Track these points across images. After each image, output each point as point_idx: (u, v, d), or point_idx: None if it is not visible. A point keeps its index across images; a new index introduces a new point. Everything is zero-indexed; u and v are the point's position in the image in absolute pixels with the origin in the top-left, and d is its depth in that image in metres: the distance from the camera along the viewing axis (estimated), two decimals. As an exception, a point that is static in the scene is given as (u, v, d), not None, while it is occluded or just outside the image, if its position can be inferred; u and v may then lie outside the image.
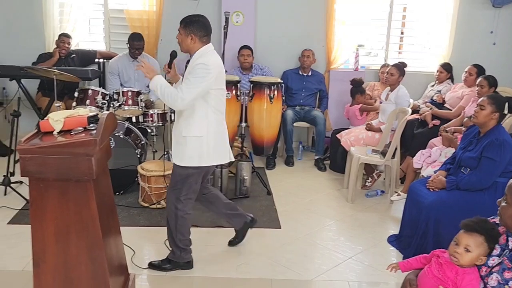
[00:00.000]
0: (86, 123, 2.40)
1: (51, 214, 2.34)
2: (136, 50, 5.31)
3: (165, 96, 2.99)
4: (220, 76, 3.09)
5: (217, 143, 3.15)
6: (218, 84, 3.08)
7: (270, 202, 4.51)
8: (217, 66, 3.05)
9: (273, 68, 5.96)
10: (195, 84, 2.94)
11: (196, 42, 3.06)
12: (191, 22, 3.07)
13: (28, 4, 5.96)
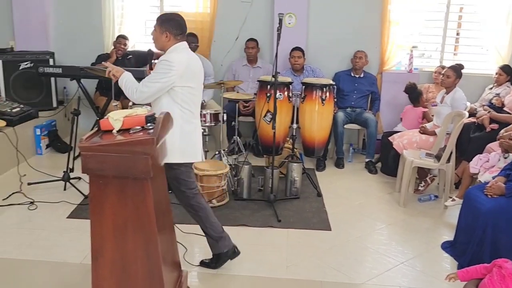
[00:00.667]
0: (144, 122, 2.47)
1: (109, 210, 2.43)
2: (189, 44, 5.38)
3: (125, 87, 3.06)
4: (188, 74, 3.06)
5: (183, 141, 3.08)
6: (185, 82, 3.05)
7: (320, 203, 4.49)
8: (183, 64, 3.02)
9: (325, 70, 5.93)
10: (155, 79, 2.96)
11: (171, 40, 3.09)
12: (167, 20, 3.10)
13: (88, 6, 6.19)
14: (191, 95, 3.10)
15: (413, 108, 5.50)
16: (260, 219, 4.12)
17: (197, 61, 3.20)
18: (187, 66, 3.05)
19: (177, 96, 3.04)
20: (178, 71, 2.98)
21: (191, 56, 3.16)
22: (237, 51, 6.15)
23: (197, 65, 3.19)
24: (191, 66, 3.10)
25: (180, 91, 3.04)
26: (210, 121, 4.85)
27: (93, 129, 2.53)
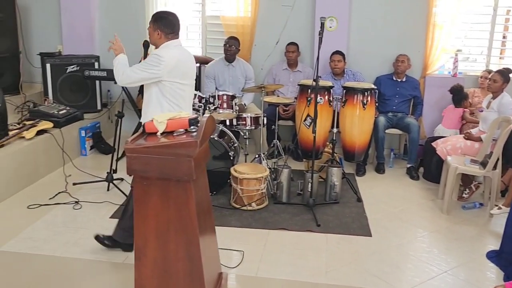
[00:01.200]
0: (188, 125, 2.51)
1: (152, 211, 2.47)
2: (229, 46, 5.46)
3: (116, 67, 3.27)
4: (177, 70, 3.20)
5: None
6: (174, 77, 3.19)
7: (360, 209, 4.44)
8: (172, 60, 3.17)
9: (366, 74, 5.86)
10: (143, 68, 3.16)
11: (162, 37, 3.25)
12: (159, 19, 3.26)
13: (132, 11, 6.33)
14: (180, 91, 3.25)
15: (455, 109, 5.43)
16: (299, 223, 4.10)
17: (189, 59, 3.35)
18: (176, 63, 3.20)
19: (165, 90, 3.21)
20: (167, 67, 3.14)
21: (183, 54, 3.31)
22: (278, 55, 6.16)
23: (188, 63, 3.33)
24: (181, 63, 3.25)
25: (168, 85, 3.20)
26: (251, 125, 4.88)
27: (137, 131, 2.58)
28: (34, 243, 3.63)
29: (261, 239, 3.83)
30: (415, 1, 5.86)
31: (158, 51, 3.20)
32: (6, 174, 4.39)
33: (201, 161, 2.55)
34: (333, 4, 5.84)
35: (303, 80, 5.03)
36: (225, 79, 5.59)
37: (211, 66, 5.64)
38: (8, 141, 4.57)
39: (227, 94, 4.83)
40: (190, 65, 3.35)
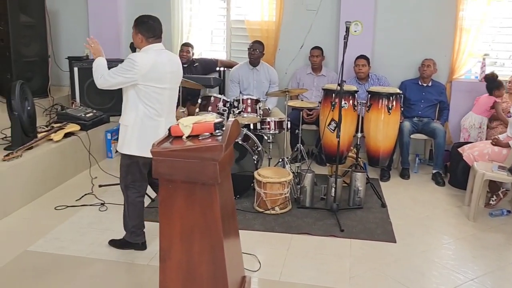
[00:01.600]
0: (213, 129, 2.53)
1: (177, 213, 2.50)
2: (253, 50, 5.48)
3: (95, 70, 3.35)
4: (152, 74, 3.24)
5: (141, 135, 3.30)
6: (149, 81, 3.24)
7: (385, 214, 4.40)
8: (146, 65, 3.21)
9: (391, 78, 5.82)
10: (118, 73, 3.23)
11: (143, 41, 3.33)
12: (140, 23, 3.36)
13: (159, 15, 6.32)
14: (156, 94, 3.29)
15: (488, 97, 5.38)
16: (322, 228, 4.09)
17: (168, 64, 3.36)
18: (151, 67, 3.24)
19: (141, 94, 3.27)
20: (141, 71, 3.19)
21: (161, 58, 3.32)
22: (302, 59, 6.16)
23: (166, 67, 3.34)
24: (157, 67, 3.27)
25: (143, 89, 3.25)
26: (274, 129, 4.89)
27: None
28: (61, 244, 3.70)
29: (284, 243, 3.83)
30: (442, 5, 5.80)
31: (133, 55, 3.28)
32: (35, 175, 4.48)
33: (226, 165, 2.57)
34: (358, 8, 5.81)
35: (327, 85, 5.02)
36: (250, 83, 5.61)
37: (236, 70, 5.67)
38: (36, 143, 4.67)
39: (252, 98, 4.85)
40: (168, 69, 3.35)
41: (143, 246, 3.64)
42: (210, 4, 6.35)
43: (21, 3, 5.71)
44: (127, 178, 3.50)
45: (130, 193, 3.52)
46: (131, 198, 3.53)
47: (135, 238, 3.62)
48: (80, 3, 6.53)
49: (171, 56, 3.47)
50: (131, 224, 3.59)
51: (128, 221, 3.59)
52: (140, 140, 3.32)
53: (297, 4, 6.07)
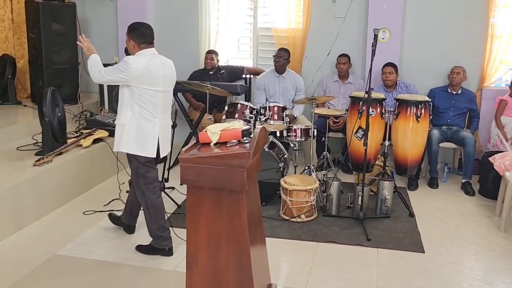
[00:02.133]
0: (240, 136, 2.53)
1: (205, 220, 2.50)
2: (279, 59, 5.49)
3: (90, 65, 3.50)
4: (144, 76, 3.38)
5: (138, 134, 3.45)
6: (141, 83, 3.39)
7: (413, 224, 4.33)
8: (139, 67, 3.37)
9: (419, 86, 5.75)
10: (113, 72, 3.38)
11: (135, 47, 3.48)
12: (132, 30, 3.50)
13: (185, 24, 6.48)
14: (149, 96, 3.43)
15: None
16: (349, 237, 4.05)
17: (160, 67, 3.50)
18: (144, 70, 3.39)
19: (134, 95, 3.41)
20: (133, 73, 3.34)
21: (153, 62, 3.46)
22: (328, 67, 6.13)
23: (159, 70, 3.48)
24: (149, 70, 3.41)
25: (136, 91, 3.40)
26: (301, 136, 4.87)
27: (188, 141, 2.63)
28: (89, 248, 3.75)
29: (310, 251, 3.81)
30: (473, 12, 5.71)
31: (128, 57, 3.44)
32: (64, 181, 4.56)
33: (253, 172, 2.57)
34: (386, 15, 5.77)
35: (354, 92, 4.99)
36: (276, 90, 5.61)
37: (262, 78, 5.68)
38: (66, 149, 4.76)
39: (278, 105, 4.85)
40: (161, 73, 3.49)
41: (169, 252, 3.67)
42: (237, 12, 6.38)
43: (54, 12, 5.85)
44: (140, 182, 3.59)
45: (148, 197, 3.60)
46: (151, 201, 3.61)
47: (162, 243, 3.65)
48: (110, 11, 6.65)
49: (164, 60, 3.61)
50: (156, 227, 3.63)
51: (152, 226, 3.64)
52: (137, 139, 3.47)
53: (324, 11, 6.06)
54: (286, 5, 6.09)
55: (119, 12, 6.50)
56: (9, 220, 3.89)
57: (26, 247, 3.74)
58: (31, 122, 5.30)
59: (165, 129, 3.62)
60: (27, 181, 4.10)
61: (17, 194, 3.97)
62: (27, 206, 4.07)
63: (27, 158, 4.53)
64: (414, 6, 5.84)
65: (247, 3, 6.35)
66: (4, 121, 5.43)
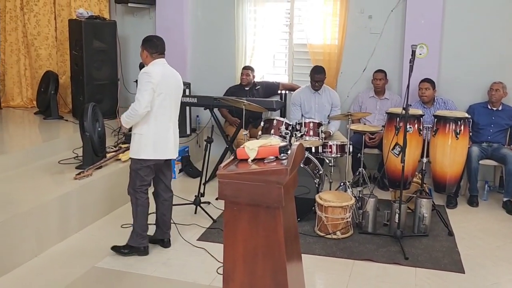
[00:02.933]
0: (278, 153, 2.54)
1: (241, 235, 2.52)
2: (316, 83, 5.51)
3: (127, 116, 3.71)
4: (162, 83, 3.66)
5: (156, 140, 3.73)
6: (159, 89, 3.64)
7: (452, 243, 4.23)
8: (158, 75, 3.64)
9: (458, 102, 5.64)
10: (143, 88, 3.59)
11: (148, 57, 3.76)
12: (145, 41, 3.80)
13: (222, 40, 6.57)
14: (165, 102, 3.71)
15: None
16: (385, 255, 3.99)
17: (171, 75, 3.81)
18: (162, 76, 3.66)
19: (154, 102, 3.64)
20: (155, 78, 3.61)
21: (166, 70, 3.77)
22: (364, 82, 6.10)
23: (170, 78, 3.78)
24: (165, 77, 3.70)
25: (156, 97, 3.65)
26: (336, 152, 4.85)
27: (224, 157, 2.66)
28: (127, 261, 3.81)
29: (346, 269, 3.76)
30: (512, 27, 5.60)
31: (145, 68, 3.70)
32: (103, 194, 4.66)
33: (290, 188, 2.58)
34: (424, 30, 5.71)
35: (392, 108, 4.94)
36: (311, 106, 5.61)
37: (297, 94, 5.70)
38: (105, 163, 4.87)
39: (314, 121, 4.85)
40: (173, 81, 3.80)
41: (145, 251, 3.92)
42: (273, 28, 6.44)
43: (95, 30, 6.04)
44: (136, 182, 3.84)
45: (139, 196, 3.86)
46: (141, 200, 3.88)
47: (141, 241, 3.89)
48: (149, 30, 6.78)
49: (173, 70, 3.88)
50: (140, 226, 3.88)
51: (137, 223, 3.89)
52: (155, 144, 3.74)
53: (360, 27, 6.04)
54: (322, 21, 6.11)
55: (157, 30, 6.64)
56: (51, 232, 3.99)
57: (67, 259, 3.83)
58: (72, 137, 5.45)
59: (176, 134, 3.92)
60: (68, 194, 4.22)
61: (58, 206, 4.08)
62: (67, 218, 4.17)
63: (68, 171, 4.65)
64: (452, 21, 5.77)
65: (283, 20, 6.40)
66: (46, 135, 5.61)
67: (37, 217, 3.86)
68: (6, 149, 5.09)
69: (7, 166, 4.60)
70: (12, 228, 3.61)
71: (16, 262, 3.63)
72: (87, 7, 6.48)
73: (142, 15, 6.85)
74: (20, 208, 3.78)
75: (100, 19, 6.22)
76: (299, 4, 6.28)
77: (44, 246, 3.91)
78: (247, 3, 6.37)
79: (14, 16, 6.68)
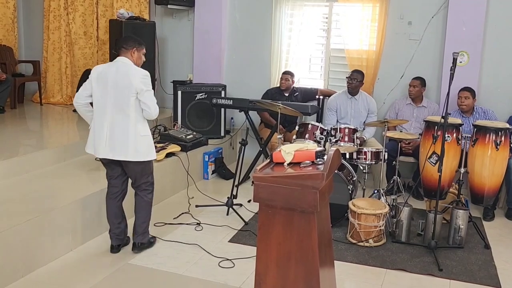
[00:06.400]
0: (314, 157, 2.54)
1: (275, 239, 2.52)
2: (351, 80, 5.46)
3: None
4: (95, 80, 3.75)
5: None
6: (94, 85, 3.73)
7: (488, 256, 4.13)
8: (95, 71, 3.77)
9: (498, 112, 5.50)
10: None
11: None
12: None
13: (258, 43, 6.59)
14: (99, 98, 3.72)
15: None
16: (419, 265, 3.91)
17: (114, 71, 3.73)
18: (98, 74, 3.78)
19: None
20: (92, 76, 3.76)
21: (109, 67, 3.80)
22: (401, 89, 6.02)
23: (109, 73, 3.72)
24: (102, 73, 3.76)
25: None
26: (371, 159, 4.80)
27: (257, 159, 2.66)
28: (159, 259, 3.85)
29: (378, 277, 3.71)
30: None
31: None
32: (138, 192, 4.72)
33: (326, 194, 2.56)
34: (465, 38, 5.59)
35: (430, 117, 4.85)
36: (347, 112, 5.57)
37: (334, 99, 5.67)
38: (141, 162, 4.93)
39: (349, 127, 4.81)
40: (111, 77, 3.71)
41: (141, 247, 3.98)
42: (310, 32, 6.41)
43: (135, 30, 6.13)
44: (151, 182, 3.96)
45: (151, 196, 4.01)
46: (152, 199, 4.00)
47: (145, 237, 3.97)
48: (187, 32, 6.89)
49: (121, 67, 3.78)
50: (147, 223, 3.97)
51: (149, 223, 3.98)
52: (90, 140, 3.79)
53: (399, 33, 5.97)
54: (360, 26, 6.06)
55: (195, 32, 6.71)
56: (87, 227, 4.07)
57: (101, 255, 3.89)
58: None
59: (117, 133, 3.77)
60: (103, 191, 4.28)
61: (93, 203, 4.15)
62: (103, 214, 4.23)
63: (104, 168, 4.73)
64: (494, 28, 5.63)
65: (321, 24, 6.38)
66: (84, 132, 5.67)
67: (74, 212, 3.94)
68: (45, 145, 5.24)
69: (46, 162, 4.72)
70: (49, 222, 3.69)
71: (52, 256, 3.72)
72: (128, 7, 6.62)
73: (181, 17, 6.93)
74: (57, 203, 3.87)
75: (140, 19, 6.32)
76: (337, 9, 6.24)
77: (78, 242, 3.99)
78: (285, 7, 6.37)
79: (58, 15, 6.87)
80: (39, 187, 4.19)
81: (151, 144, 3.80)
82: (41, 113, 6.62)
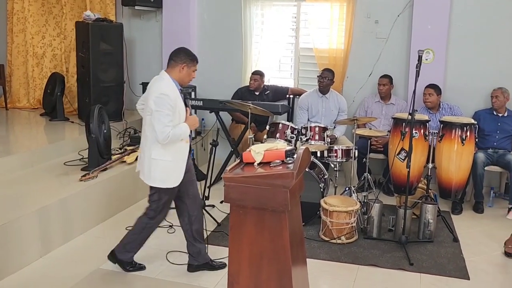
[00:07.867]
0: (284, 157, 2.55)
1: (247, 239, 2.52)
2: (322, 79, 5.50)
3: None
4: None
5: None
6: None
7: (457, 249, 4.22)
8: None
9: (464, 108, 5.63)
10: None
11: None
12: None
13: (229, 46, 6.57)
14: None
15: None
16: (390, 261, 3.97)
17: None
18: None
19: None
20: None
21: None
22: (370, 87, 6.10)
23: None
24: None
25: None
26: (341, 157, 4.84)
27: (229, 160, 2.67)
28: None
29: (350, 274, 3.76)
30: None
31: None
32: (108, 196, 4.67)
33: (296, 193, 2.58)
34: (430, 36, 5.70)
35: (398, 114, 4.94)
36: (318, 110, 5.62)
37: (305, 97, 5.70)
38: (111, 165, 4.88)
39: (319, 125, 4.84)
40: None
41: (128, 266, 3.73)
42: (280, 32, 6.44)
43: (102, 32, 6.06)
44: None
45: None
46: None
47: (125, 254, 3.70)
48: (155, 33, 6.83)
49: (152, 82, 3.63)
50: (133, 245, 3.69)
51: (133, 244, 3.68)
52: None
53: (367, 32, 6.04)
54: (328, 25, 6.11)
55: (164, 33, 6.66)
56: (55, 234, 4.00)
57: (71, 261, 3.83)
58: (77, 138, 5.48)
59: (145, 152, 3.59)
60: (73, 196, 4.22)
61: (63, 208, 4.08)
62: (72, 220, 4.18)
63: (73, 173, 4.66)
64: (459, 26, 5.75)
65: (289, 24, 6.41)
66: (52, 137, 5.63)
67: (43, 218, 3.86)
68: (12, 150, 5.13)
69: (13, 167, 4.62)
70: (17, 229, 3.62)
71: (22, 263, 3.64)
72: (98, 9, 6.53)
73: (149, 18, 6.87)
74: (25, 209, 3.79)
75: (107, 21, 6.24)
76: (305, 9, 6.28)
77: (49, 247, 3.92)
78: (254, 7, 6.39)
79: (22, 17, 6.72)
80: (6, 193, 4.09)
81: (168, 170, 3.42)
82: (7, 118, 6.47)
